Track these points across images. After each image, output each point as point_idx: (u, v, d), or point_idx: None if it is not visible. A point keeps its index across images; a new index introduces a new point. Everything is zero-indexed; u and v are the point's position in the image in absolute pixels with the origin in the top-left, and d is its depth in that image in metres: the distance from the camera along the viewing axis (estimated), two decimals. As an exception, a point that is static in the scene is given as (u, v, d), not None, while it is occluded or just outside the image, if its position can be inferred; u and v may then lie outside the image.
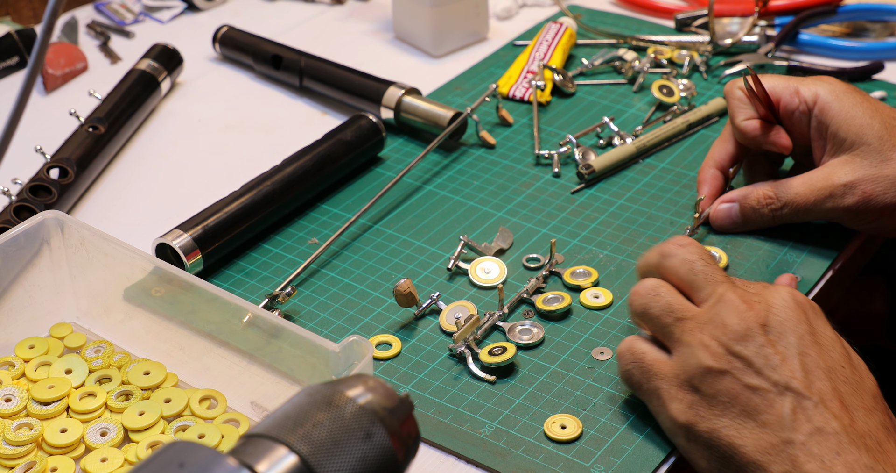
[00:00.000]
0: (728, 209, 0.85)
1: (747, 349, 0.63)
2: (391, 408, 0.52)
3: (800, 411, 0.61)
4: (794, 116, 0.83)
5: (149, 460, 0.47)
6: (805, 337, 0.63)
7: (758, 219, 0.84)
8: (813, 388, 0.61)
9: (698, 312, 0.66)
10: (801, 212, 0.82)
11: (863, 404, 0.62)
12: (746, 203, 0.84)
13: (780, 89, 0.83)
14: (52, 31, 0.51)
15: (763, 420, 0.61)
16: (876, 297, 1.41)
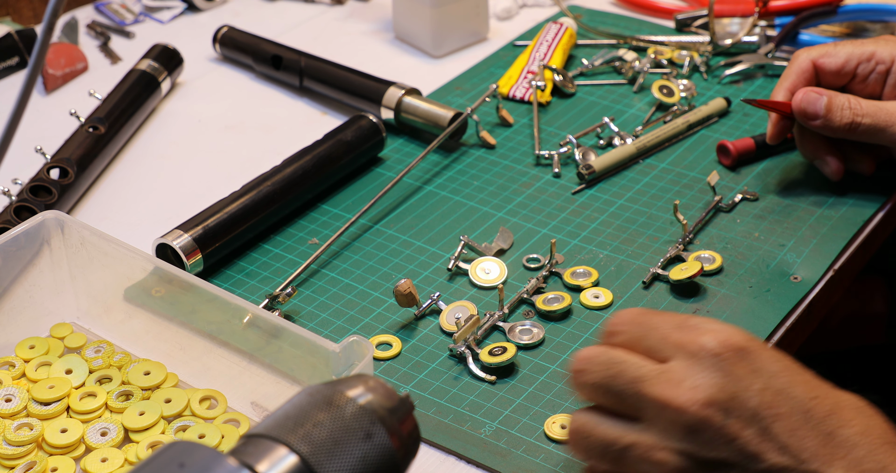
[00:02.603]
0: (817, 98, 0.86)
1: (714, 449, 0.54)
2: (391, 408, 0.52)
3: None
4: (869, 77, 0.88)
5: (149, 460, 0.47)
6: (764, 393, 0.54)
7: (837, 119, 0.85)
8: (803, 454, 0.54)
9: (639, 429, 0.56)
10: (878, 129, 0.85)
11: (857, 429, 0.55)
12: (836, 99, 0.85)
13: (855, 56, 0.88)
14: (52, 31, 0.51)
15: None
16: (876, 297, 1.41)
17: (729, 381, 0.54)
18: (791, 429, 0.53)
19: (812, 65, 0.89)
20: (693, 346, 0.55)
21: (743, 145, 0.94)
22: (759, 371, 0.54)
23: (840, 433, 0.54)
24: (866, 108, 0.85)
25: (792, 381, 0.55)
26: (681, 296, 0.80)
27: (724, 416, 0.53)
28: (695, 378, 0.54)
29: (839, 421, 0.54)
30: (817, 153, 0.89)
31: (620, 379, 0.56)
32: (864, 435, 0.54)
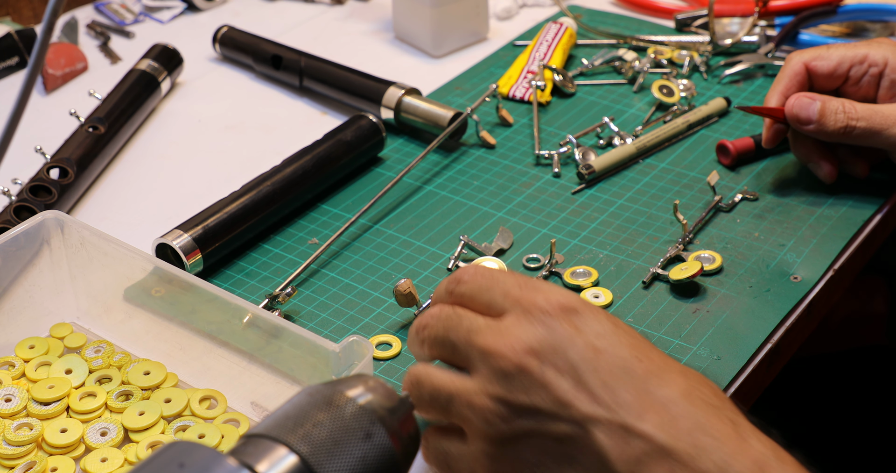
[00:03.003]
0: (809, 103, 0.86)
1: (528, 394, 0.55)
2: (391, 408, 0.52)
3: (616, 438, 0.54)
4: (862, 80, 0.88)
5: (149, 460, 0.47)
6: (585, 349, 0.55)
7: (831, 124, 0.85)
8: (615, 406, 0.54)
9: (466, 378, 0.57)
10: (873, 132, 0.84)
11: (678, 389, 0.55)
12: (829, 104, 0.85)
13: (848, 59, 0.88)
14: (52, 31, 0.51)
15: (581, 468, 0.55)
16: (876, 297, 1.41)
17: (552, 335, 0.55)
18: (606, 382, 0.54)
19: (805, 68, 0.89)
20: (527, 303, 0.56)
21: (742, 145, 0.94)
22: (583, 330, 0.55)
23: (659, 391, 0.54)
24: (860, 111, 0.85)
25: (617, 342, 0.55)
26: (681, 296, 0.80)
27: (541, 364, 0.55)
28: (520, 330, 0.55)
29: (660, 381, 0.55)
30: (811, 157, 0.89)
31: (455, 331, 0.58)
32: (684, 396, 0.54)
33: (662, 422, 0.53)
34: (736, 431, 0.53)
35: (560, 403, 0.54)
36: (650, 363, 0.55)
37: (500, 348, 0.55)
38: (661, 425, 0.53)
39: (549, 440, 0.55)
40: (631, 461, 0.53)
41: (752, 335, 0.76)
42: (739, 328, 0.77)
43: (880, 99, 0.89)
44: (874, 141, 0.85)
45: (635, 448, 0.53)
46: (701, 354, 0.74)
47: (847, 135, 0.85)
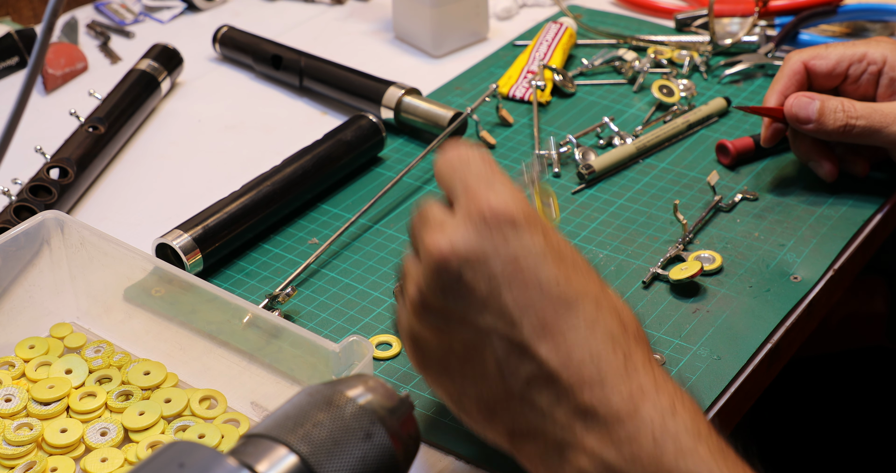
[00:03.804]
0: (808, 102, 0.86)
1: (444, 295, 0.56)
2: (391, 408, 0.52)
3: (512, 355, 0.55)
4: (861, 78, 0.88)
5: (149, 460, 0.47)
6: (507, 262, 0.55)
7: (830, 123, 0.85)
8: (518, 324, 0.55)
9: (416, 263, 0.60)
10: (873, 130, 0.84)
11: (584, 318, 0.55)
12: (828, 103, 0.85)
13: (847, 57, 0.88)
14: (52, 31, 0.51)
15: (480, 372, 0.57)
16: (876, 297, 1.41)
17: (481, 243, 0.56)
18: (517, 300, 0.55)
19: (804, 67, 0.89)
20: (474, 204, 0.57)
21: (742, 145, 0.94)
22: (512, 244, 0.56)
23: (565, 317, 0.55)
24: (860, 110, 0.85)
25: (542, 262, 0.56)
26: (681, 296, 0.80)
27: (461, 269, 0.56)
28: (456, 233, 0.56)
29: (569, 308, 0.55)
30: (811, 155, 0.89)
31: (417, 219, 0.60)
32: (587, 325, 0.55)
33: (558, 349, 0.54)
34: (625, 364, 0.54)
35: (470, 309, 0.56)
36: (567, 287, 0.56)
37: (432, 246, 0.57)
38: (556, 351, 0.54)
39: (455, 341, 0.57)
40: (521, 379, 0.55)
41: (752, 335, 0.76)
42: (739, 328, 0.77)
43: (879, 97, 0.89)
44: (874, 139, 0.85)
45: (527, 368, 0.55)
46: (701, 354, 0.74)
47: (847, 133, 0.85)
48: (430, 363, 0.60)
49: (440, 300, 0.57)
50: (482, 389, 0.57)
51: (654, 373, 0.55)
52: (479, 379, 0.57)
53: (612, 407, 0.53)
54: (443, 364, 0.59)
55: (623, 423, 0.53)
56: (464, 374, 0.58)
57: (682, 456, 0.52)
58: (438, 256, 0.56)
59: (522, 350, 0.55)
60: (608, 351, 0.55)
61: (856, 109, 0.85)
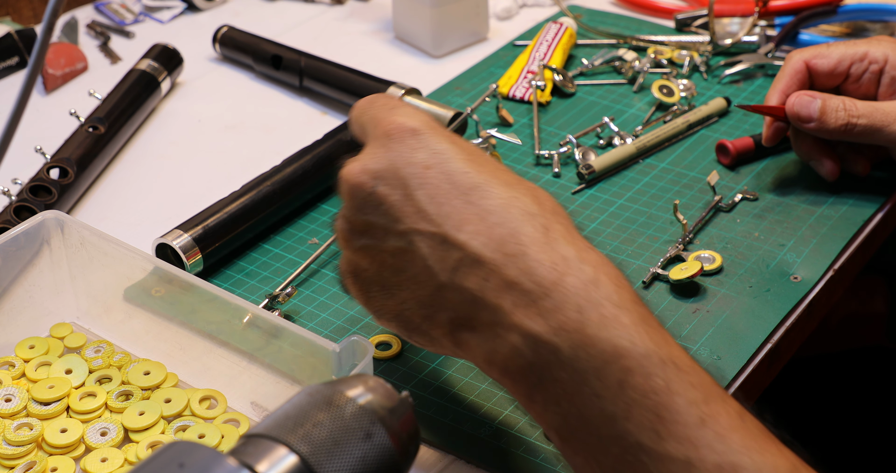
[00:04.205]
0: (810, 101, 0.86)
1: (364, 212, 0.60)
2: (391, 408, 0.52)
3: (436, 248, 0.57)
4: (862, 77, 0.89)
5: (149, 460, 0.47)
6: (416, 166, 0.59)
7: (832, 122, 0.85)
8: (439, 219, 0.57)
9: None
10: (874, 129, 0.85)
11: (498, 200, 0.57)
12: (830, 101, 0.85)
13: (848, 56, 0.88)
14: (52, 31, 0.51)
15: (412, 277, 0.59)
16: (876, 297, 1.41)
17: (388, 154, 0.59)
18: (432, 196, 0.58)
19: (805, 66, 0.89)
20: (381, 129, 0.61)
21: (742, 145, 0.94)
22: (418, 148, 0.59)
23: (480, 202, 0.57)
24: (861, 108, 0.85)
25: (450, 157, 0.59)
26: (681, 296, 0.80)
27: (375, 182, 0.59)
28: (367, 156, 0.60)
29: (482, 193, 0.58)
30: (812, 154, 0.89)
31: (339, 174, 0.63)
32: (503, 206, 0.57)
33: (477, 231, 0.56)
34: (545, 236, 0.56)
35: (389, 218, 0.59)
36: (477, 175, 0.58)
37: (346, 173, 0.61)
38: (476, 234, 0.56)
39: (385, 253, 0.60)
40: (448, 269, 0.57)
41: (752, 335, 0.76)
42: (739, 328, 0.77)
43: (881, 96, 0.89)
44: (875, 138, 0.86)
45: (452, 257, 0.57)
46: (701, 354, 0.74)
47: (848, 132, 0.85)
48: (371, 288, 0.62)
49: (362, 217, 0.60)
50: (417, 291, 0.59)
51: (577, 244, 0.56)
52: (412, 283, 0.59)
53: (536, 278, 0.55)
54: (381, 284, 0.61)
55: (548, 293, 0.54)
56: (399, 284, 0.60)
57: (605, 324, 0.53)
58: (352, 178, 0.60)
59: (444, 241, 0.57)
60: (526, 226, 0.56)
61: (857, 107, 0.85)
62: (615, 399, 0.52)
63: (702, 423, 0.51)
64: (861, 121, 0.85)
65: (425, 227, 0.58)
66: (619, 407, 0.52)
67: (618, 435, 0.52)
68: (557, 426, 0.55)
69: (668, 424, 0.51)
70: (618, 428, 0.52)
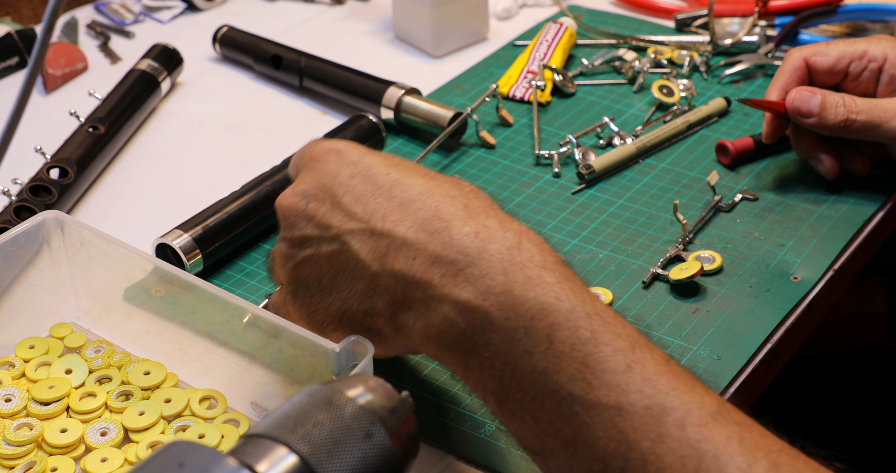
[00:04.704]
0: (810, 96, 0.86)
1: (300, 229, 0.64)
2: (391, 408, 0.52)
3: (366, 242, 0.61)
4: (861, 75, 0.89)
5: (149, 460, 0.47)
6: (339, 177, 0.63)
7: (831, 117, 0.85)
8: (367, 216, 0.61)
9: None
10: (873, 125, 0.85)
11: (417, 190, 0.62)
12: (830, 97, 0.86)
13: (847, 54, 0.89)
14: (52, 31, 0.51)
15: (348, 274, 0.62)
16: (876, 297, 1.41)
17: (315, 175, 0.64)
18: (358, 199, 0.62)
19: (804, 63, 0.89)
20: (308, 157, 0.67)
21: (742, 145, 0.94)
22: (340, 163, 0.64)
23: (401, 195, 0.61)
24: (861, 105, 0.85)
25: (370, 164, 0.63)
26: (681, 296, 0.80)
27: (306, 200, 0.64)
28: (298, 182, 0.66)
29: (403, 187, 0.61)
30: (812, 152, 0.90)
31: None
32: (423, 194, 0.61)
33: (401, 219, 0.60)
34: (466, 212, 0.60)
35: (322, 226, 0.63)
36: (398, 174, 0.62)
37: (280, 200, 0.66)
38: (400, 221, 0.60)
39: (323, 259, 0.63)
40: (379, 257, 0.60)
41: (751, 335, 0.76)
42: (739, 328, 0.77)
43: (880, 94, 0.89)
44: (875, 134, 0.86)
45: (381, 246, 0.60)
46: (701, 354, 0.74)
47: (847, 128, 0.86)
48: (312, 299, 0.64)
49: (297, 234, 0.64)
50: (354, 286, 0.62)
51: (498, 216, 0.60)
52: (350, 280, 0.62)
53: (460, 248, 0.58)
54: (321, 290, 0.64)
55: (473, 262, 0.57)
56: (338, 284, 0.63)
57: (530, 285, 0.56)
58: (284, 202, 0.65)
59: (373, 233, 0.61)
60: (447, 206, 0.60)
61: (857, 104, 0.85)
62: (545, 354, 0.54)
63: (629, 369, 0.53)
64: (860, 117, 0.85)
65: (354, 225, 0.61)
66: (550, 361, 0.54)
67: (550, 389, 0.54)
68: (494, 389, 0.57)
69: (596, 373, 0.53)
70: (550, 382, 0.54)
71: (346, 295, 0.63)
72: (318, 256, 0.63)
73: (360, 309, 0.62)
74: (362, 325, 0.63)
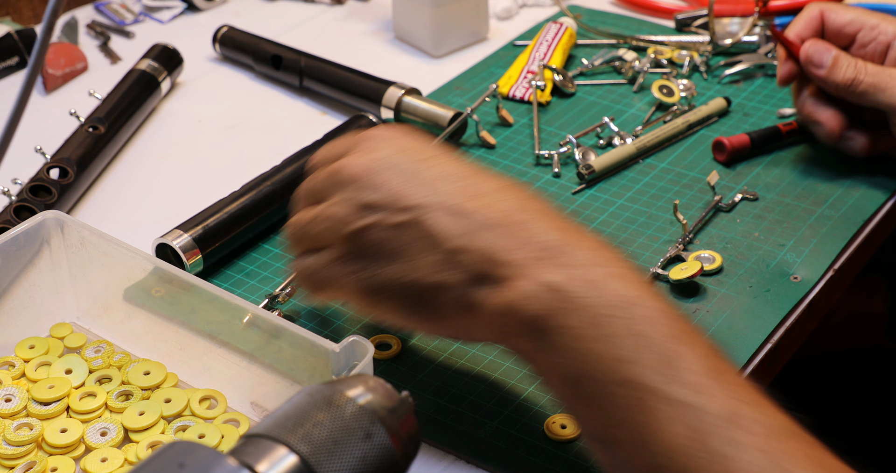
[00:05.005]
0: (826, 49, 0.88)
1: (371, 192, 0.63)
2: (391, 408, 0.52)
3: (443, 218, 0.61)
4: (867, 47, 0.90)
5: (149, 460, 0.47)
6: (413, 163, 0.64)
7: (840, 74, 0.87)
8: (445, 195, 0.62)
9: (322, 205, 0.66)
10: (878, 89, 0.87)
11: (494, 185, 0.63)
12: (843, 56, 0.88)
13: (861, 20, 0.90)
14: (52, 31, 0.51)
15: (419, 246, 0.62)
16: (876, 297, 1.41)
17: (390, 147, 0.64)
18: (431, 181, 0.62)
19: (820, 15, 0.92)
20: (362, 137, 0.66)
21: (738, 142, 0.94)
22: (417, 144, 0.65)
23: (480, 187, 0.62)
24: (871, 69, 0.87)
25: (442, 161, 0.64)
26: (681, 296, 0.80)
27: (381, 170, 0.63)
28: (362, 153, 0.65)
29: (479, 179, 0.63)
30: (812, 113, 0.91)
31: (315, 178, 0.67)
32: (499, 190, 0.62)
33: (486, 205, 0.61)
34: (549, 208, 0.61)
35: (394, 195, 0.62)
36: (471, 172, 0.63)
37: (347, 163, 0.64)
38: (485, 207, 0.60)
39: (389, 229, 0.62)
40: (459, 234, 0.60)
41: (752, 335, 0.76)
42: (739, 328, 0.77)
43: None
44: (877, 99, 0.87)
45: (463, 223, 0.60)
46: (701, 354, 0.74)
47: (853, 88, 0.87)
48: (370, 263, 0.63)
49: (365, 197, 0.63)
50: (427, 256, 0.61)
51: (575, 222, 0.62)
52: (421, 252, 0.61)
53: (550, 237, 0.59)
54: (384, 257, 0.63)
55: (563, 251, 0.58)
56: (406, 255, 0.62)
57: (616, 278, 0.57)
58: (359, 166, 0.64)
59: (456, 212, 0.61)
60: (529, 203, 0.61)
61: (867, 67, 0.88)
62: (625, 342, 0.55)
63: (708, 371, 0.54)
64: (868, 79, 0.87)
65: (432, 200, 0.61)
66: (629, 350, 0.54)
67: (626, 378, 0.54)
68: (567, 373, 0.56)
69: (675, 369, 0.54)
70: (626, 370, 0.54)
71: (415, 266, 0.62)
72: (384, 224, 0.62)
73: (429, 282, 0.61)
74: (422, 298, 0.62)
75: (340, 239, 0.64)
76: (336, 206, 0.64)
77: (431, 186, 0.62)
